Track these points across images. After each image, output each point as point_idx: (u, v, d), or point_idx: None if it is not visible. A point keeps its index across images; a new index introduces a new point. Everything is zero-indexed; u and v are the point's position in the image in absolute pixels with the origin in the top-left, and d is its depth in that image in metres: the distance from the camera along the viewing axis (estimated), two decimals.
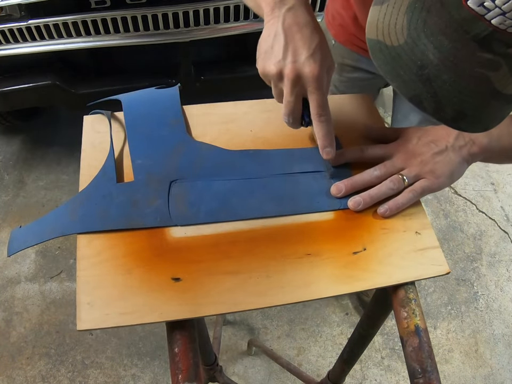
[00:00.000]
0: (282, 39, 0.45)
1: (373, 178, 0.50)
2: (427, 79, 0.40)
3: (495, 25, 0.34)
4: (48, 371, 1.29)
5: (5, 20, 1.16)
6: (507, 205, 1.74)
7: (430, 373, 0.40)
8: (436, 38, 0.39)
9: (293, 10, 0.46)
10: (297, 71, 0.44)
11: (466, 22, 0.36)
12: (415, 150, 0.50)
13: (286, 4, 0.46)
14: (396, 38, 0.41)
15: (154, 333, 1.36)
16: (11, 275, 1.49)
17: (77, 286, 0.41)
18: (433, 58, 0.39)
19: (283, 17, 0.46)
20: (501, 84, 0.39)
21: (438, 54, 0.39)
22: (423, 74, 0.40)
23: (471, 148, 0.49)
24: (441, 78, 0.39)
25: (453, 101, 0.40)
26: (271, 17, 0.46)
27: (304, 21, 0.46)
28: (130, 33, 1.23)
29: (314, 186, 0.50)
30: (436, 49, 0.39)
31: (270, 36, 0.46)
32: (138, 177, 0.49)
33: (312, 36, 0.45)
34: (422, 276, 0.45)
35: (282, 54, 0.45)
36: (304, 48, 0.44)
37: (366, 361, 1.35)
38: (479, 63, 0.38)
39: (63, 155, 1.82)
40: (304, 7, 0.46)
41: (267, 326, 1.40)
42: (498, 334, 1.42)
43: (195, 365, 0.39)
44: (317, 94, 0.45)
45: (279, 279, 0.43)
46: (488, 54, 0.38)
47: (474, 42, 0.37)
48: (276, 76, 0.45)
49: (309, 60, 0.44)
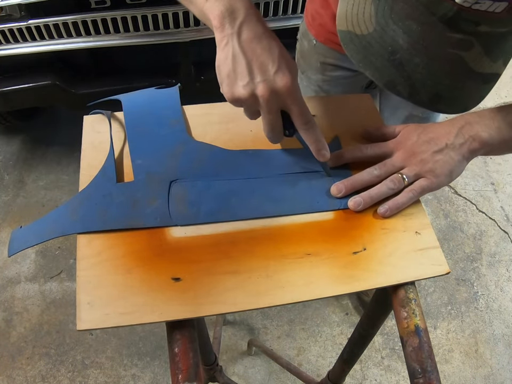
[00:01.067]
0: (243, 59, 0.42)
1: (373, 178, 0.49)
2: (399, 64, 0.40)
3: (460, 3, 0.35)
4: (48, 371, 1.29)
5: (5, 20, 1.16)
6: (507, 205, 1.74)
7: (430, 373, 0.40)
8: (403, 23, 0.39)
9: (246, 24, 0.43)
10: (270, 89, 0.42)
11: (431, 3, 0.36)
12: (415, 149, 0.50)
13: (237, 18, 0.43)
14: (365, 26, 0.41)
15: (154, 333, 1.36)
16: (11, 275, 1.49)
17: (77, 286, 0.41)
18: (403, 43, 0.39)
19: (237, 34, 0.42)
20: (475, 63, 0.40)
21: (407, 38, 0.39)
22: (395, 60, 0.40)
23: (471, 144, 0.49)
24: (413, 62, 0.40)
25: (427, 84, 0.40)
26: (223, 35, 0.43)
27: (259, 33, 0.43)
28: (130, 33, 1.23)
29: (314, 187, 0.50)
30: (405, 34, 0.39)
31: (228, 58, 0.42)
32: (138, 177, 0.49)
33: (271, 46, 0.43)
34: (422, 276, 0.45)
35: (248, 75, 0.42)
36: (268, 63, 0.42)
37: (366, 361, 1.35)
38: (450, 44, 0.39)
39: (63, 155, 1.82)
40: (255, 17, 0.44)
41: (267, 326, 1.40)
42: (498, 334, 1.42)
43: (195, 365, 0.39)
44: (296, 105, 0.44)
45: (279, 279, 0.43)
46: (458, 34, 0.38)
47: (442, 24, 0.38)
48: (249, 100, 0.43)
49: (278, 74, 0.42)
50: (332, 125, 0.57)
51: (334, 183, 0.50)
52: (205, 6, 0.43)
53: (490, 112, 0.50)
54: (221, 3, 0.42)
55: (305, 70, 0.89)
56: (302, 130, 0.46)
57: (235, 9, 0.42)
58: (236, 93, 0.43)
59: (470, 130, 0.49)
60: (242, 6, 0.43)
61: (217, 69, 0.44)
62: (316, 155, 0.48)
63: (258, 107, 0.44)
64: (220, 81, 0.44)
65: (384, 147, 0.52)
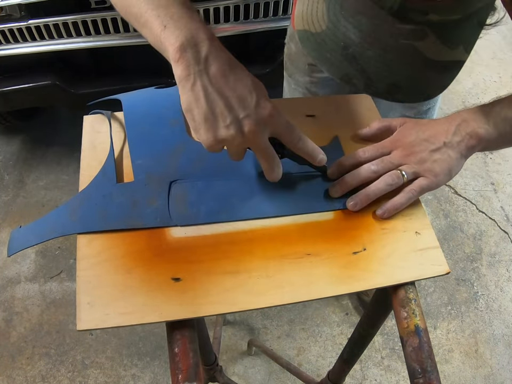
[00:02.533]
0: (218, 97, 0.38)
1: (370, 174, 0.49)
2: (353, 58, 0.41)
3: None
4: (48, 371, 1.29)
5: (5, 20, 1.16)
6: (507, 205, 1.74)
7: (430, 373, 0.40)
8: (354, 18, 0.41)
9: (211, 56, 0.38)
10: (256, 122, 0.39)
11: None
12: (413, 147, 0.49)
13: (201, 51, 0.38)
14: (319, 25, 0.43)
15: (154, 333, 1.36)
16: (11, 275, 1.49)
17: (77, 286, 0.41)
18: (354, 38, 0.41)
19: (205, 70, 0.38)
20: (431, 52, 0.40)
21: (358, 33, 0.41)
22: (347, 54, 0.42)
23: (468, 141, 0.49)
24: (366, 55, 0.41)
25: (383, 75, 0.42)
26: (187, 73, 0.38)
27: (227, 64, 0.39)
28: (130, 33, 1.23)
29: (314, 187, 0.50)
30: (356, 28, 0.41)
31: (200, 100, 0.38)
32: (138, 178, 0.49)
33: (242, 76, 0.40)
34: (422, 276, 0.45)
35: (229, 114, 0.38)
36: (246, 95, 0.39)
37: (366, 361, 1.35)
38: (402, 35, 0.39)
39: (63, 155, 1.82)
40: (219, 46, 0.40)
41: (267, 326, 1.40)
42: (498, 334, 1.42)
43: (195, 365, 0.39)
44: (284, 127, 0.42)
45: (279, 279, 0.43)
46: (409, 25, 0.39)
47: (392, 16, 0.39)
48: (236, 139, 0.39)
49: (259, 104, 0.39)
50: (332, 125, 0.57)
51: (332, 183, 0.50)
52: (163, 35, 0.38)
53: (485, 107, 0.50)
54: (181, 32, 0.38)
55: (293, 73, 0.88)
56: (296, 149, 0.44)
57: (198, 41, 0.38)
58: (219, 135, 0.39)
59: (466, 127, 0.49)
60: (204, 35, 0.39)
61: (188, 114, 0.39)
62: (316, 163, 0.46)
63: (247, 144, 0.41)
64: (194, 127, 0.39)
65: (381, 148, 0.51)
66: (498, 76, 2.21)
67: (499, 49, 2.35)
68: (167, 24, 0.38)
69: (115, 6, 0.45)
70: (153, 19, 0.39)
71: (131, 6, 0.41)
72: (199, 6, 1.18)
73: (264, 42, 1.30)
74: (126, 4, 0.42)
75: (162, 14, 0.39)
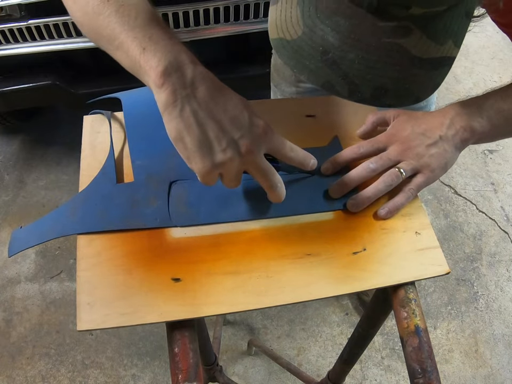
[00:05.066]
0: (211, 121, 0.36)
1: (369, 173, 0.49)
2: (333, 63, 0.39)
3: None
4: (48, 371, 1.29)
5: (5, 20, 1.16)
6: (507, 205, 1.74)
7: (430, 373, 0.40)
8: (331, 20, 0.38)
9: (197, 79, 0.36)
10: (253, 141, 0.38)
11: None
12: (410, 142, 0.49)
13: (185, 74, 0.36)
14: (294, 31, 0.40)
15: (154, 333, 1.36)
16: (11, 275, 1.49)
17: (77, 286, 0.41)
18: (333, 41, 0.38)
19: (193, 95, 0.36)
20: (418, 49, 0.38)
21: (337, 35, 0.38)
22: (327, 59, 0.39)
23: (462, 134, 0.49)
24: (347, 58, 0.38)
25: (367, 78, 0.39)
26: (174, 99, 0.35)
27: (213, 85, 0.37)
28: None
29: (314, 187, 0.50)
30: (334, 31, 0.38)
31: (192, 126, 0.36)
32: (138, 178, 0.49)
33: (230, 96, 0.38)
34: (422, 276, 0.45)
35: (224, 136, 0.37)
36: (237, 114, 0.38)
37: (366, 361, 1.35)
38: (384, 33, 0.37)
39: (63, 155, 1.82)
40: (201, 67, 0.38)
41: (267, 326, 1.40)
42: (498, 334, 1.42)
43: (195, 365, 0.39)
44: (278, 141, 0.41)
45: (279, 279, 0.43)
46: (392, 22, 0.36)
47: (372, 14, 0.36)
48: (234, 161, 0.38)
49: (253, 122, 0.38)
50: (332, 125, 0.57)
51: (331, 184, 0.50)
52: (142, 58, 0.36)
53: (479, 100, 0.50)
54: (163, 55, 0.35)
55: (279, 83, 0.87)
56: (288, 159, 0.43)
57: (181, 64, 0.36)
58: (217, 160, 0.37)
59: (460, 120, 0.49)
60: (187, 57, 0.37)
61: (178, 143, 0.37)
62: (308, 169, 0.45)
63: (245, 165, 0.39)
64: (188, 156, 0.37)
65: (377, 143, 0.51)
66: (498, 76, 2.20)
67: (499, 49, 2.34)
68: (146, 47, 0.36)
69: (81, 29, 0.42)
70: (130, 41, 0.36)
71: (101, 27, 0.38)
72: (199, 6, 1.18)
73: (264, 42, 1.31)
74: (95, 26, 0.39)
75: (140, 36, 0.36)
